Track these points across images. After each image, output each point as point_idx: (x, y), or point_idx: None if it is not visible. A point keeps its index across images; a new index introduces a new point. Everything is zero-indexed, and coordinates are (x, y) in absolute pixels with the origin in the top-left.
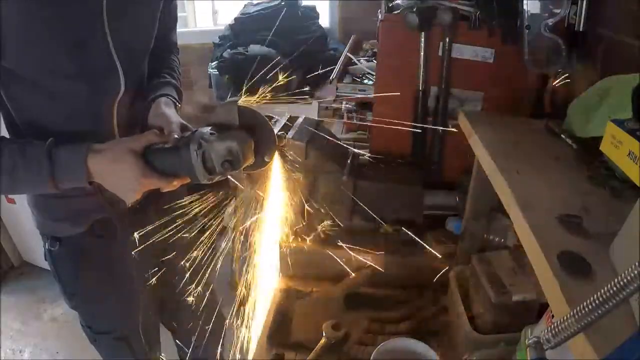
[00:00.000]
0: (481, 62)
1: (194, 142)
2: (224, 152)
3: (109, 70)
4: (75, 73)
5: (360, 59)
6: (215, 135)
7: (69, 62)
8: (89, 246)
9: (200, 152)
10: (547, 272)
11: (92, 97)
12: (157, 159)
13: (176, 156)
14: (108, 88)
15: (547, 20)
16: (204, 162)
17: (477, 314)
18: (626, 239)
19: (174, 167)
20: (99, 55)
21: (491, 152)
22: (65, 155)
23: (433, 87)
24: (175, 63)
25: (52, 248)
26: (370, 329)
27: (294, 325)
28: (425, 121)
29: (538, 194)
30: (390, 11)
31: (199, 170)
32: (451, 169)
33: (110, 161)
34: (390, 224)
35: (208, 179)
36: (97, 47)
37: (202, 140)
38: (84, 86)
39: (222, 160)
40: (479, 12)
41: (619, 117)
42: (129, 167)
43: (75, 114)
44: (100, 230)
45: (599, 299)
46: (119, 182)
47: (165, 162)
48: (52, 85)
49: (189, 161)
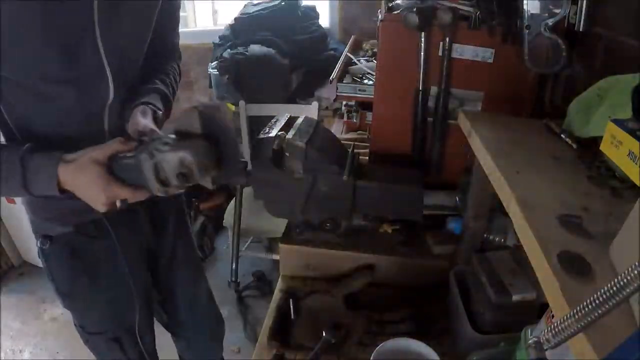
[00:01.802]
0: (481, 62)
1: (146, 152)
2: (177, 164)
3: (98, 75)
4: (63, 78)
5: (360, 59)
6: (170, 144)
7: (57, 67)
8: (79, 246)
9: (152, 163)
10: (547, 272)
11: (80, 103)
12: (119, 168)
13: (131, 166)
14: (96, 94)
15: (547, 20)
16: (157, 173)
17: (477, 314)
18: (626, 239)
19: (132, 177)
20: (88, 60)
21: (491, 152)
22: (38, 163)
23: (433, 87)
24: (170, 67)
25: (43, 246)
26: (370, 329)
27: (294, 325)
28: (425, 121)
29: (538, 194)
30: (390, 11)
31: (151, 182)
32: (451, 169)
33: (77, 171)
34: (390, 224)
35: (162, 191)
36: (86, 52)
37: (155, 150)
38: (72, 91)
39: (176, 173)
40: (479, 12)
41: (619, 117)
42: (92, 178)
43: (65, 119)
44: (91, 231)
45: (599, 299)
46: (86, 193)
47: (125, 172)
48: (41, 89)
49: (140, 171)
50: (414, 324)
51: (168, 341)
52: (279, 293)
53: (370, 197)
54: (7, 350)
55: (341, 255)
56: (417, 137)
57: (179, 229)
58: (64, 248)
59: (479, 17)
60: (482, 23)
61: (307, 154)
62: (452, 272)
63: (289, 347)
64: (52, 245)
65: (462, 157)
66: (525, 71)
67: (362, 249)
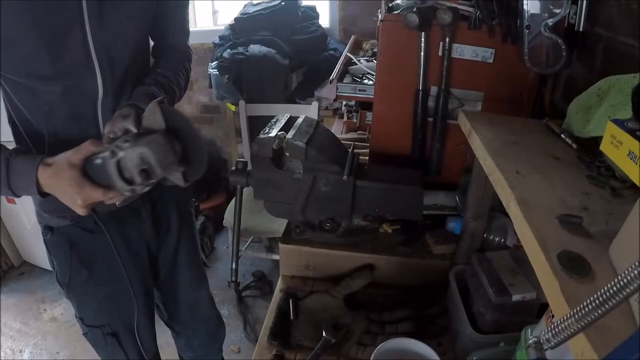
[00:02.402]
0: (481, 62)
1: (108, 151)
2: (137, 160)
3: (87, 70)
4: (51, 72)
5: (360, 59)
6: (129, 142)
7: (45, 63)
8: (77, 239)
9: (114, 161)
10: (547, 272)
11: (68, 98)
12: (91, 170)
13: (98, 165)
14: (84, 89)
15: (547, 20)
16: (121, 171)
17: (477, 314)
18: (626, 239)
19: (101, 178)
20: (77, 54)
21: (491, 152)
22: (20, 166)
23: (433, 87)
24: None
25: (45, 237)
26: (370, 329)
27: (294, 325)
28: (425, 121)
29: (538, 194)
30: (390, 11)
31: (116, 181)
32: (451, 169)
33: (54, 175)
34: (390, 224)
35: (128, 189)
36: (74, 47)
37: (116, 148)
38: (59, 86)
39: (138, 170)
40: (479, 12)
41: (619, 117)
42: (67, 181)
43: (57, 115)
44: (89, 225)
45: (599, 299)
46: (64, 196)
47: (97, 173)
48: (31, 84)
49: (105, 170)
50: (414, 324)
51: (168, 339)
52: (279, 293)
53: (370, 197)
54: (7, 350)
55: (341, 255)
56: (417, 137)
57: (183, 230)
58: (63, 239)
59: (479, 17)
60: (482, 23)
61: (307, 154)
62: (452, 272)
63: (289, 347)
64: (53, 236)
65: (462, 157)
66: (525, 71)
67: (362, 249)
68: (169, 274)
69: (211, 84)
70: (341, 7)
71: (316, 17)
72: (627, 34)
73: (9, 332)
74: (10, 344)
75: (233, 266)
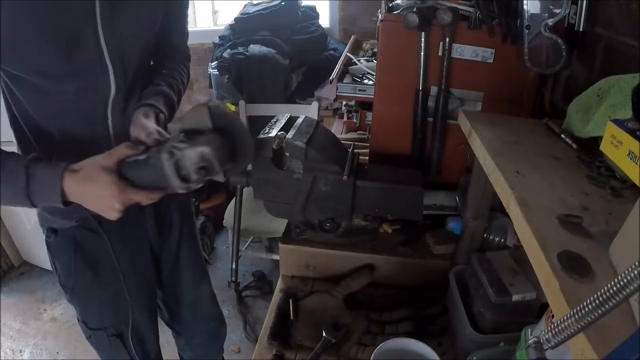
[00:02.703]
0: (481, 62)
1: (165, 152)
2: (197, 159)
3: (99, 69)
4: (62, 71)
5: (360, 59)
6: (186, 142)
7: (57, 60)
8: (82, 240)
9: (173, 160)
10: (547, 272)
11: (81, 97)
12: (131, 172)
13: (148, 167)
14: (97, 88)
15: (547, 20)
16: (178, 170)
17: (477, 314)
18: (626, 239)
19: (149, 179)
20: (89, 52)
21: (491, 152)
22: (42, 173)
23: (433, 87)
24: (178, 69)
25: (48, 239)
26: (370, 329)
27: (294, 325)
28: (425, 121)
29: (538, 194)
30: (390, 11)
31: (173, 180)
32: (451, 169)
33: (85, 182)
34: (390, 224)
35: (184, 187)
36: (87, 44)
37: (174, 148)
38: (71, 84)
39: (197, 167)
40: (479, 12)
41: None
42: (104, 186)
43: (67, 114)
44: (93, 225)
45: (599, 299)
46: (97, 202)
47: (141, 175)
48: (42, 83)
49: (160, 170)
50: (414, 324)
51: (169, 339)
52: (279, 293)
53: (370, 197)
54: (7, 350)
55: (341, 255)
56: (417, 137)
57: (185, 230)
58: (67, 241)
59: (479, 17)
60: (482, 23)
61: (307, 154)
62: (452, 272)
63: (289, 347)
64: (57, 237)
65: (462, 157)
66: (525, 71)
67: (362, 249)
68: (170, 273)
69: (211, 84)
70: (341, 7)
71: (316, 17)
72: (627, 34)
73: (9, 332)
74: (10, 344)
75: (233, 266)
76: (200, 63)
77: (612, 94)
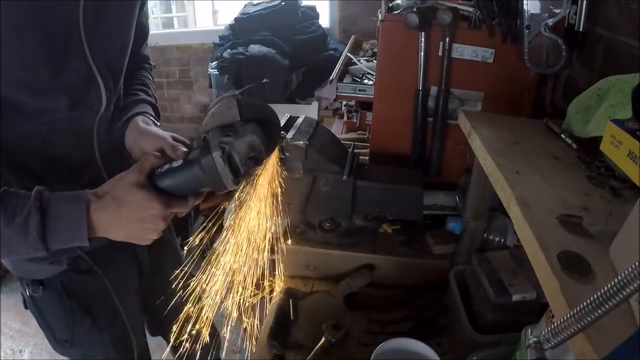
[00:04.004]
0: (481, 62)
1: (215, 149)
2: (247, 149)
3: (90, 82)
4: (51, 87)
5: (360, 59)
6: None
7: (44, 75)
8: (73, 285)
9: (225, 156)
10: (547, 272)
11: (72, 116)
12: (167, 182)
13: (195, 170)
14: (89, 103)
15: (547, 20)
16: (230, 165)
17: (477, 314)
18: (626, 239)
19: (193, 183)
20: (77, 66)
21: (491, 152)
22: (61, 207)
23: (433, 87)
24: (148, 79)
25: (35, 294)
26: (370, 329)
27: (294, 325)
28: (425, 121)
29: (538, 194)
30: (390, 11)
31: (226, 176)
32: (451, 169)
33: (118, 206)
34: (390, 224)
35: (235, 182)
36: (74, 58)
37: (222, 144)
38: (64, 100)
39: (246, 159)
40: (479, 12)
41: (619, 117)
42: (142, 205)
43: (57, 136)
44: (86, 266)
45: (599, 299)
46: (135, 228)
47: (183, 181)
48: (26, 102)
49: (214, 170)
50: (414, 324)
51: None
52: (279, 293)
53: (370, 197)
54: (7, 350)
55: (341, 255)
56: (417, 137)
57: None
58: (57, 291)
59: (479, 17)
60: (482, 23)
61: (307, 154)
62: (452, 272)
63: (289, 347)
64: (45, 290)
65: (462, 157)
66: (525, 71)
67: (362, 249)
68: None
69: (211, 84)
70: (341, 7)
71: (316, 17)
72: (627, 34)
73: (9, 332)
74: (10, 344)
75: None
76: (200, 63)
77: (612, 94)
